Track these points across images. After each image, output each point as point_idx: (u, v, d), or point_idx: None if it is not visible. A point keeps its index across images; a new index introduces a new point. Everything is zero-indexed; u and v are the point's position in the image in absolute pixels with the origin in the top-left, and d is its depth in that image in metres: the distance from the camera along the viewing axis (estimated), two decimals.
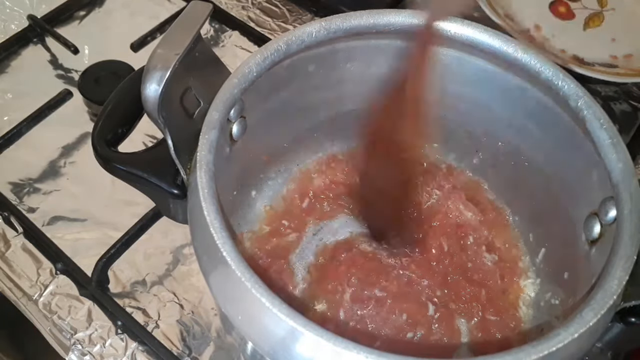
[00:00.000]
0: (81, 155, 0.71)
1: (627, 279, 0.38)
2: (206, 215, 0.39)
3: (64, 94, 0.74)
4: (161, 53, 0.43)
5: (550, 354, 0.35)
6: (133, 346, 0.58)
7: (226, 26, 0.85)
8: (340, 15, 0.50)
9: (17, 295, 0.61)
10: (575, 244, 0.48)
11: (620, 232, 0.40)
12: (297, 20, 0.86)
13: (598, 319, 0.36)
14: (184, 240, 0.64)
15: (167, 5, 0.86)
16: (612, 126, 0.45)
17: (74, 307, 0.60)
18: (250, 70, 0.46)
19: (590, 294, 0.38)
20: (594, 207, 0.46)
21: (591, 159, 0.46)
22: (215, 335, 0.59)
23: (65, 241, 0.64)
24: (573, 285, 0.47)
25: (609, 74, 0.74)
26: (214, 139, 0.43)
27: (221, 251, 0.37)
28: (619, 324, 0.41)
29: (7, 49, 0.80)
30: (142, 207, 0.63)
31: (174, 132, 0.44)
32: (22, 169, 0.70)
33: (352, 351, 0.34)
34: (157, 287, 0.62)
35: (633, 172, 0.43)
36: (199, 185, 0.40)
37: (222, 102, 0.44)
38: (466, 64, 0.53)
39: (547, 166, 0.53)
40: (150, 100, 0.42)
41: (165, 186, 0.46)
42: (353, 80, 0.56)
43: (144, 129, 0.66)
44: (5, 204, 0.66)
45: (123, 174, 0.47)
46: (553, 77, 0.48)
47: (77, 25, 0.84)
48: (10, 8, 0.84)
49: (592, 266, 0.44)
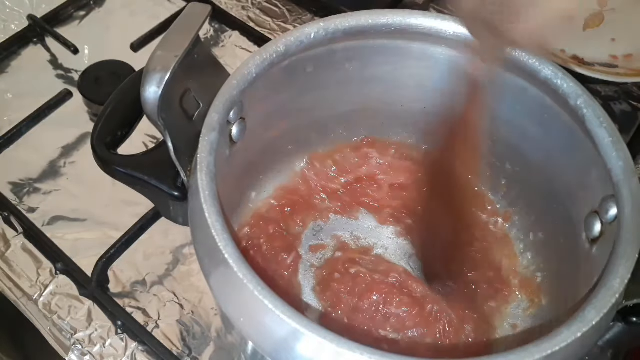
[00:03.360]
0: (81, 155, 0.71)
1: (629, 277, 0.38)
2: (207, 217, 0.39)
3: (64, 94, 0.74)
4: (161, 55, 0.43)
5: (553, 353, 0.35)
6: (133, 346, 0.58)
7: (226, 26, 0.84)
8: (339, 16, 0.49)
9: (17, 295, 0.61)
10: (576, 243, 0.48)
11: (621, 231, 0.40)
12: (297, 20, 0.86)
13: (601, 318, 0.36)
14: (184, 240, 0.64)
15: (167, 5, 0.86)
16: (612, 125, 0.45)
17: (74, 307, 0.60)
18: (250, 71, 0.46)
19: (592, 293, 0.38)
20: (595, 206, 0.46)
21: (591, 158, 0.45)
22: (216, 335, 0.59)
23: (65, 241, 0.64)
24: (574, 284, 0.47)
25: (609, 74, 0.73)
26: (214, 141, 0.42)
27: (223, 253, 0.37)
28: (620, 323, 0.41)
29: (7, 49, 0.80)
30: (142, 207, 0.63)
31: (174, 134, 0.44)
32: (22, 169, 0.70)
33: (354, 352, 0.34)
34: (157, 287, 0.62)
35: (633, 170, 0.43)
36: (199, 187, 0.40)
37: (222, 103, 0.44)
38: (464, 63, 0.53)
39: (547, 165, 0.53)
40: (150, 103, 0.42)
41: (166, 188, 0.46)
42: (352, 81, 0.56)
43: (144, 129, 0.66)
44: (5, 204, 0.66)
45: (123, 176, 0.47)
46: (552, 76, 0.47)
47: (77, 25, 0.84)
48: (10, 8, 0.84)
49: (593, 265, 0.44)
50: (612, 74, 0.74)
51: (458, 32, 0.50)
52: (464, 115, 0.51)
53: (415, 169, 0.61)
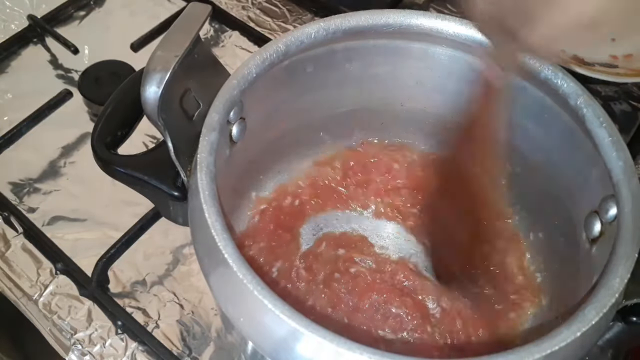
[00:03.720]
0: (81, 155, 0.71)
1: (628, 276, 0.38)
2: (207, 217, 0.39)
3: (64, 94, 0.74)
4: (161, 55, 0.43)
5: (552, 353, 0.35)
6: (133, 346, 0.58)
7: (226, 26, 0.84)
8: (339, 16, 0.49)
9: (17, 295, 0.61)
10: (575, 243, 0.48)
11: (621, 230, 0.40)
12: (297, 20, 0.86)
13: (600, 317, 0.36)
14: (184, 240, 0.64)
15: (167, 5, 0.86)
16: (611, 124, 0.45)
17: (74, 307, 0.60)
18: (250, 71, 0.46)
19: (592, 293, 0.38)
20: (594, 206, 0.46)
21: (591, 158, 0.45)
22: (216, 335, 0.59)
23: (65, 241, 0.64)
24: (574, 284, 0.47)
25: (609, 74, 0.73)
26: (214, 141, 0.42)
27: (222, 253, 0.37)
28: (620, 322, 0.41)
29: (7, 49, 0.80)
30: (142, 207, 0.63)
31: (174, 134, 0.44)
32: (22, 169, 0.70)
33: (354, 352, 0.34)
34: (157, 287, 0.62)
35: (633, 169, 0.43)
36: (199, 187, 0.40)
37: (222, 103, 0.44)
38: (464, 63, 0.53)
39: (546, 165, 0.53)
40: (150, 103, 0.42)
41: (166, 188, 0.46)
42: (352, 81, 0.56)
43: (144, 129, 0.66)
44: (5, 204, 0.66)
45: (123, 176, 0.47)
46: (552, 75, 0.47)
47: (77, 25, 0.84)
48: (10, 8, 0.84)
49: (593, 264, 0.44)
50: (612, 74, 0.74)
51: (458, 32, 0.50)
52: (479, 119, 0.51)
53: (415, 168, 0.61)
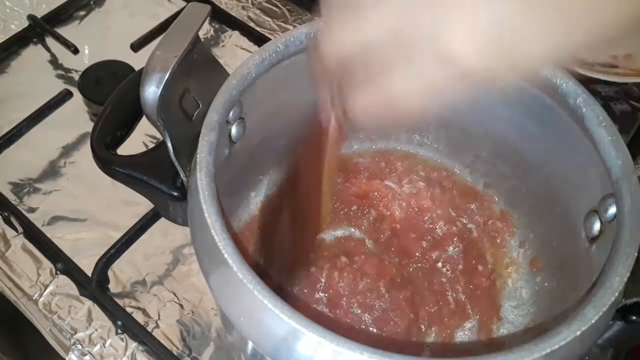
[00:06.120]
0: (81, 155, 0.71)
1: (628, 275, 0.38)
2: (207, 217, 0.39)
3: (64, 94, 0.74)
4: (160, 55, 0.43)
5: (552, 352, 0.34)
6: (133, 346, 0.58)
7: (226, 26, 0.85)
8: None
9: (17, 295, 0.61)
10: (575, 242, 0.48)
11: (620, 229, 0.40)
12: (297, 20, 0.86)
13: (600, 317, 0.36)
14: (184, 240, 0.64)
15: (167, 5, 0.86)
16: (611, 124, 0.45)
17: (74, 307, 0.60)
18: (249, 71, 0.46)
19: (591, 292, 0.38)
20: (594, 205, 0.46)
21: (590, 157, 0.45)
22: (216, 335, 0.59)
23: (65, 241, 0.64)
24: (573, 283, 0.47)
25: (609, 74, 0.73)
26: (214, 141, 0.42)
27: (222, 253, 0.37)
28: (620, 322, 0.41)
29: (7, 49, 0.80)
30: (142, 207, 0.63)
31: (173, 134, 0.44)
32: (22, 169, 0.70)
33: (354, 351, 0.34)
34: (157, 287, 0.62)
35: (633, 168, 0.42)
36: (199, 187, 0.40)
37: (221, 103, 0.44)
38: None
39: (546, 164, 0.53)
40: (149, 103, 0.42)
41: (165, 188, 0.46)
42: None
43: (143, 129, 0.66)
44: (5, 204, 0.66)
45: (122, 176, 0.47)
46: (551, 75, 0.47)
47: (77, 25, 0.84)
48: (10, 8, 0.84)
49: (592, 264, 0.44)
50: (612, 74, 0.74)
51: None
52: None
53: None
